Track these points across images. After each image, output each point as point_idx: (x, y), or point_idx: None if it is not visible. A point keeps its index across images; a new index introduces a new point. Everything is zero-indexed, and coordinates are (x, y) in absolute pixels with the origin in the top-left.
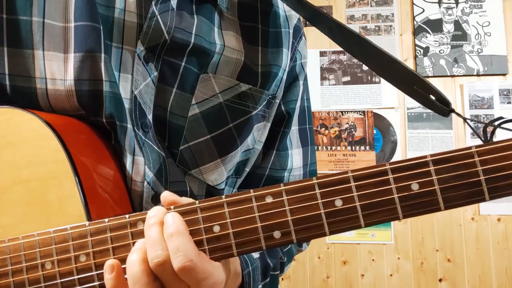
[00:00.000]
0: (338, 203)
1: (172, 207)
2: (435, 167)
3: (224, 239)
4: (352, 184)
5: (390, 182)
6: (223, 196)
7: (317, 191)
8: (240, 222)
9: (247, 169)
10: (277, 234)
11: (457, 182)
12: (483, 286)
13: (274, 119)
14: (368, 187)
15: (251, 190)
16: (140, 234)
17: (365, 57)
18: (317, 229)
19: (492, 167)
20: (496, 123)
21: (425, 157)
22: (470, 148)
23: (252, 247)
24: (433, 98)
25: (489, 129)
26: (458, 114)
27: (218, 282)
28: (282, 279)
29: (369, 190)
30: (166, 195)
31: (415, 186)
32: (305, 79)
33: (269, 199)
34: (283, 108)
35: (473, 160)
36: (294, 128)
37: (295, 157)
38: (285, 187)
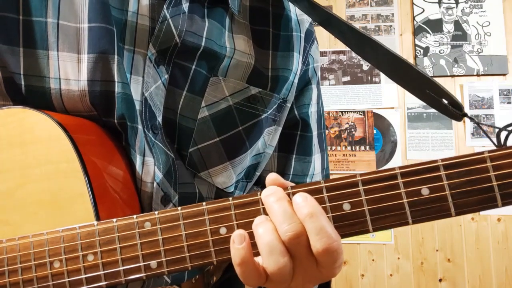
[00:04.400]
0: (346, 207)
1: (289, 187)
2: (446, 172)
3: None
4: (361, 188)
5: (399, 187)
6: (230, 198)
7: (325, 194)
8: (247, 225)
9: (258, 173)
10: None
11: (469, 187)
12: (483, 286)
13: (288, 123)
14: (377, 191)
15: (259, 192)
16: (147, 235)
17: (378, 62)
18: None
19: (506, 173)
20: (510, 128)
21: (436, 161)
22: (482, 153)
23: (257, 250)
24: (446, 102)
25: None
26: (471, 119)
27: (342, 263)
28: None
29: (378, 195)
30: (273, 177)
31: (425, 191)
32: (318, 83)
33: None
34: (296, 112)
35: (485, 165)
36: (315, 133)
37: (317, 162)
38: (293, 190)
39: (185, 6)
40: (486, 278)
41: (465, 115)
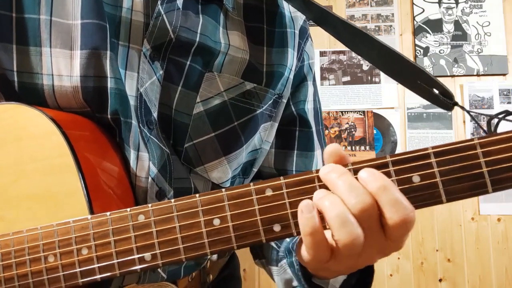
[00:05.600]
0: None
1: (349, 164)
2: (436, 159)
3: (224, 232)
4: (353, 177)
5: (391, 175)
6: (223, 190)
7: (317, 183)
8: (240, 215)
9: (255, 169)
10: (277, 227)
11: (459, 174)
12: (483, 286)
13: (285, 120)
14: None
15: (251, 184)
16: (141, 227)
17: (371, 55)
18: None
19: (495, 159)
20: (500, 116)
21: (426, 149)
22: (472, 139)
23: (252, 240)
24: (437, 92)
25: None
26: (461, 107)
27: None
28: None
29: None
30: (332, 148)
31: (416, 179)
32: (314, 79)
33: (269, 192)
34: (293, 109)
35: (475, 151)
36: (314, 129)
37: (319, 158)
38: (285, 180)
39: (179, 2)
40: (486, 278)
41: (456, 103)
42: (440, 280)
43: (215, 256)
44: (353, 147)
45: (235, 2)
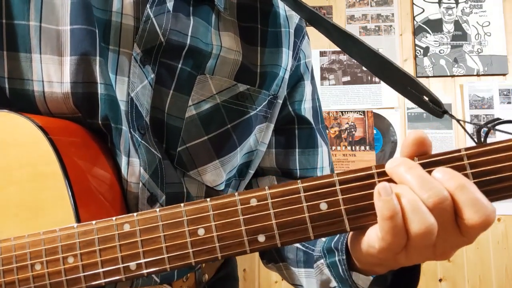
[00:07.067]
0: (323, 206)
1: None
2: (426, 170)
3: (209, 242)
4: (337, 187)
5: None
6: (208, 200)
7: (302, 194)
8: (225, 226)
9: (251, 171)
10: (261, 237)
11: None
12: (483, 286)
13: (284, 120)
14: (353, 190)
15: (236, 194)
16: (127, 237)
17: (362, 58)
18: (301, 233)
19: (482, 170)
20: (490, 124)
21: (412, 160)
22: (459, 150)
23: (236, 251)
24: (426, 99)
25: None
26: (451, 116)
27: None
28: (282, 279)
29: (354, 194)
30: (416, 135)
31: None
32: (313, 78)
33: (253, 203)
34: (290, 109)
35: (462, 163)
36: (315, 126)
37: (324, 155)
38: (270, 191)
39: (170, 4)
40: (486, 278)
41: (445, 112)
42: (440, 280)
43: None
44: (353, 147)
45: (227, 2)
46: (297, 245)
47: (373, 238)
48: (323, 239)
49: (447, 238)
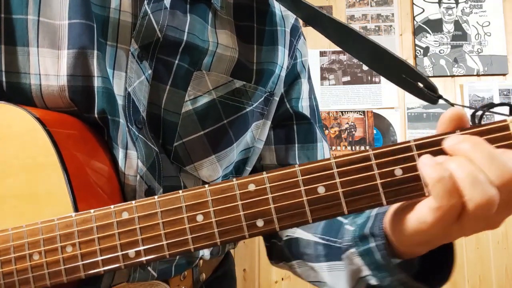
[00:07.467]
0: (321, 190)
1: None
2: (418, 152)
3: (207, 228)
4: (335, 170)
5: (373, 168)
6: (206, 186)
7: (299, 178)
8: (223, 211)
9: (248, 168)
10: (260, 222)
11: None
12: (483, 286)
13: (282, 117)
14: (351, 173)
15: (234, 179)
16: (125, 224)
17: (358, 51)
18: (300, 217)
19: None
20: (486, 108)
21: (408, 142)
22: (454, 132)
23: (235, 236)
24: (421, 85)
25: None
26: (446, 100)
27: None
28: (282, 279)
29: (352, 177)
30: (452, 113)
31: (398, 172)
32: (309, 77)
33: (251, 187)
34: (287, 106)
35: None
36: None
37: (325, 150)
38: (268, 175)
39: (167, 2)
40: (486, 278)
41: (440, 97)
42: None
43: (207, 255)
44: (353, 147)
45: (224, 1)
46: (316, 239)
47: (424, 211)
48: (351, 228)
49: (507, 214)
